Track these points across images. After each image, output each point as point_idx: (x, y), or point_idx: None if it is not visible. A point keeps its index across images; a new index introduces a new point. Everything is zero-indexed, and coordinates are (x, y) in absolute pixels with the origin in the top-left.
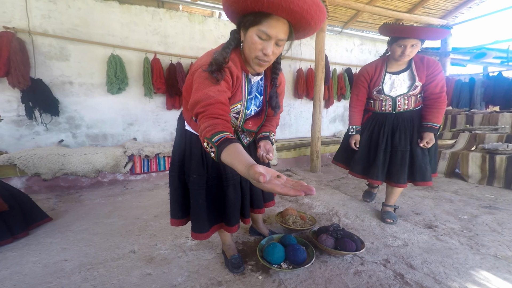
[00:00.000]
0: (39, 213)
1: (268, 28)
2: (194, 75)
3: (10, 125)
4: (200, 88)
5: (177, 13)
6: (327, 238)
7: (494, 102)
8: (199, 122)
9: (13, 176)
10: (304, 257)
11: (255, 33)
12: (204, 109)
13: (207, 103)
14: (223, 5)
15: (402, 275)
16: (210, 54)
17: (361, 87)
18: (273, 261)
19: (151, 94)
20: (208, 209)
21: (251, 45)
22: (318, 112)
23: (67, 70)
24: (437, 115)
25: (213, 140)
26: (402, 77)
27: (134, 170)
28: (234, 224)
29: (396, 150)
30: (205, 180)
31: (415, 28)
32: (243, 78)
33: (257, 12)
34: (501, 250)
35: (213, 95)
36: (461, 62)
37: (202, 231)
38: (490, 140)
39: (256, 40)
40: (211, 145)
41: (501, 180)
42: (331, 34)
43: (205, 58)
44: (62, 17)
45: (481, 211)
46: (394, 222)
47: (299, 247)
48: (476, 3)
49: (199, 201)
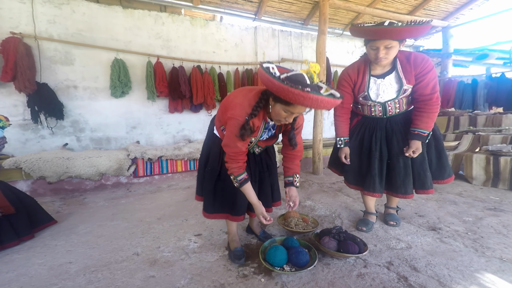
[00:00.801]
0: (45, 216)
1: (293, 109)
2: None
3: (16, 129)
4: (232, 138)
5: (179, 17)
6: (330, 240)
7: (498, 103)
8: (229, 161)
9: (19, 179)
10: (306, 259)
11: (282, 108)
12: (234, 155)
13: (236, 151)
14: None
15: (406, 277)
16: (244, 106)
17: (344, 93)
18: (275, 263)
19: (154, 97)
20: (214, 196)
21: (277, 114)
22: (320, 114)
23: (71, 74)
24: (427, 120)
25: (238, 178)
26: (388, 80)
27: (137, 173)
28: (240, 214)
29: (398, 157)
30: (217, 173)
31: (382, 30)
32: (262, 123)
33: None
34: (506, 252)
35: (240, 147)
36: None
37: (208, 211)
38: (494, 142)
39: (281, 113)
40: (235, 181)
41: (506, 182)
42: (332, 36)
43: (239, 110)
44: (67, 22)
45: (486, 213)
46: (398, 224)
47: (302, 250)
48: (477, 4)
49: (208, 187)
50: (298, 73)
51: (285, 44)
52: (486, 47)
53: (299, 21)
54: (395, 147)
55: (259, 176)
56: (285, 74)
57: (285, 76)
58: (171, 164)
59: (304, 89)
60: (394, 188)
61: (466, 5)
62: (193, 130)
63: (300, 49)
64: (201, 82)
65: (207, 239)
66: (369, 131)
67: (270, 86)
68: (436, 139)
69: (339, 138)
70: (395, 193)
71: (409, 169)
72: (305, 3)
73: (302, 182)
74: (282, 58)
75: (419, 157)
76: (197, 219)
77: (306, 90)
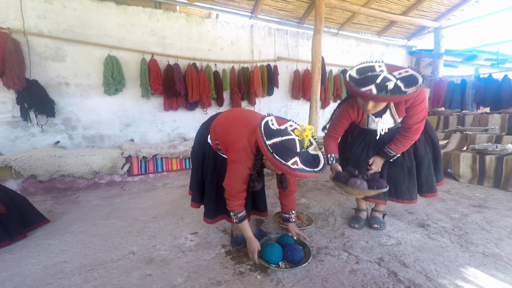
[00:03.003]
0: (37, 215)
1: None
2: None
3: (4, 126)
4: (235, 180)
5: (174, 14)
6: (362, 182)
7: (485, 103)
8: (231, 199)
9: (9, 178)
10: (301, 256)
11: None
12: (235, 193)
13: (238, 191)
14: None
15: (395, 273)
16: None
17: (339, 127)
18: (271, 260)
19: (148, 95)
20: (216, 202)
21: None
22: (315, 113)
23: (63, 71)
24: (400, 145)
25: (238, 215)
26: (385, 118)
27: (131, 171)
28: None
29: (402, 166)
30: (216, 179)
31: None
32: None
33: None
34: (489, 247)
35: (242, 186)
36: (453, 63)
37: (210, 217)
38: (481, 141)
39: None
40: (235, 217)
41: (491, 180)
42: (328, 36)
43: (244, 156)
44: (57, 18)
45: (471, 210)
46: (382, 228)
47: (297, 247)
48: (468, 6)
49: (211, 195)
50: (290, 139)
51: (281, 43)
52: (475, 48)
53: (295, 20)
54: (399, 157)
55: None
56: (279, 139)
57: (278, 142)
58: (166, 162)
59: (291, 167)
60: (400, 195)
61: (457, 6)
62: (188, 128)
63: (296, 48)
64: (197, 80)
65: (203, 237)
66: (374, 139)
67: (263, 151)
68: (434, 145)
69: (329, 155)
70: (401, 199)
71: (413, 177)
72: (301, 2)
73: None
74: (278, 57)
75: (427, 163)
76: (193, 217)
77: (292, 167)
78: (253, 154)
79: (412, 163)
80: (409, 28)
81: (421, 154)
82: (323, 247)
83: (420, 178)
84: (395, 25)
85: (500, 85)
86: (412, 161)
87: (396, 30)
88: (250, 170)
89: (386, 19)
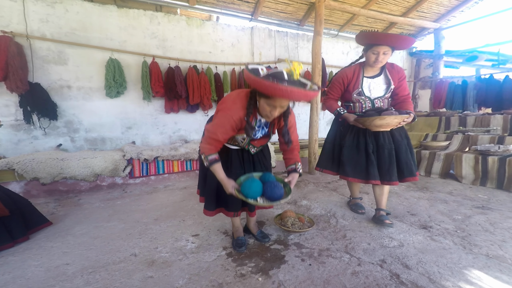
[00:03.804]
0: (39, 218)
1: (273, 102)
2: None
3: (8, 129)
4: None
5: (175, 17)
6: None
7: (486, 104)
8: (204, 142)
9: (12, 181)
10: (281, 193)
11: (265, 103)
12: (210, 140)
13: (214, 138)
14: None
15: (398, 275)
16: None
17: (337, 88)
18: (249, 195)
19: (149, 97)
20: (217, 192)
21: (263, 109)
22: (315, 114)
23: (65, 74)
24: (410, 107)
25: (208, 158)
26: (378, 81)
27: (133, 174)
28: (231, 211)
29: (383, 148)
30: None
31: (387, 35)
32: (253, 120)
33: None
34: (492, 249)
35: (219, 136)
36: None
37: (210, 209)
38: (483, 142)
39: (266, 107)
40: (206, 160)
41: (493, 181)
42: (328, 37)
43: (231, 104)
44: (60, 21)
45: (474, 211)
46: (392, 224)
47: (278, 184)
48: (468, 7)
49: (212, 185)
50: (278, 71)
51: (281, 45)
52: (476, 49)
53: (295, 22)
54: (381, 140)
55: None
56: (267, 73)
57: (265, 74)
58: (168, 164)
59: (275, 81)
60: (381, 176)
61: (457, 8)
62: (189, 131)
63: (296, 50)
64: (198, 82)
65: (205, 239)
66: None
67: (249, 81)
68: (407, 137)
69: (336, 109)
70: (382, 180)
71: (393, 159)
72: (301, 4)
73: (299, 182)
74: (278, 59)
75: (404, 147)
76: (194, 219)
77: (281, 84)
78: (242, 105)
79: (392, 146)
80: (409, 30)
81: (397, 139)
82: (324, 249)
83: (400, 162)
84: (395, 26)
85: (502, 85)
86: (391, 143)
87: (396, 32)
88: (235, 123)
89: (386, 21)
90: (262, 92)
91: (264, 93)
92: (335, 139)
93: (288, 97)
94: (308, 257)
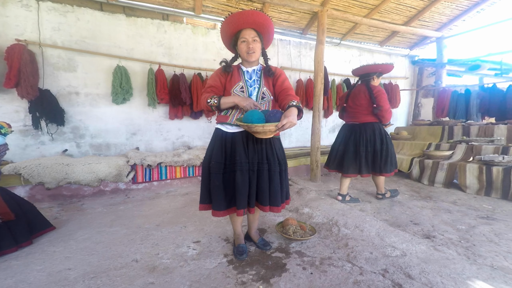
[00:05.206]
0: (43, 222)
1: (244, 35)
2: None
3: (16, 135)
4: (209, 80)
5: (181, 26)
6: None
7: (490, 114)
8: (204, 92)
9: (18, 185)
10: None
11: (239, 42)
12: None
13: (207, 87)
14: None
15: (400, 285)
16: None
17: None
18: (253, 121)
19: (154, 104)
20: (225, 191)
21: (241, 49)
22: (318, 122)
23: (74, 81)
24: None
25: (214, 100)
26: None
27: (136, 179)
28: (240, 208)
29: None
30: (223, 166)
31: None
32: (239, 71)
33: (236, 33)
34: (497, 260)
35: (211, 82)
36: (457, 73)
37: (219, 209)
38: (487, 152)
39: (242, 45)
40: (213, 102)
41: (498, 191)
42: (330, 46)
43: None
44: (71, 30)
45: (478, 221)
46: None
47: (278, 110)
48: (470, 16)
49: (216, 183)
50: None
51: (284, 53)
52: (479, 58)
53: (298, 31)
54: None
55: (258, 166)
56: None
57: None
58: (170, 170)
59: (229, 14)
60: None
61: (459, 17)
62: (192, 137)
63: (299, 58)
64: (202, 89)
65: (206, 246)
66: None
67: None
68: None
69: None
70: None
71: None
72: (304, 13)
73: (300, 190)
74: (281, 66)
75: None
76: (196, 226)
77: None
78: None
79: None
80: (411, 38)
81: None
82: (326, 258)
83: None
84: (397, 35)
85: (505, 95)
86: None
87: (398, 40)
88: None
89: (388, 29)
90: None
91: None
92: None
93: (241, 16)
94: (309, 265)
